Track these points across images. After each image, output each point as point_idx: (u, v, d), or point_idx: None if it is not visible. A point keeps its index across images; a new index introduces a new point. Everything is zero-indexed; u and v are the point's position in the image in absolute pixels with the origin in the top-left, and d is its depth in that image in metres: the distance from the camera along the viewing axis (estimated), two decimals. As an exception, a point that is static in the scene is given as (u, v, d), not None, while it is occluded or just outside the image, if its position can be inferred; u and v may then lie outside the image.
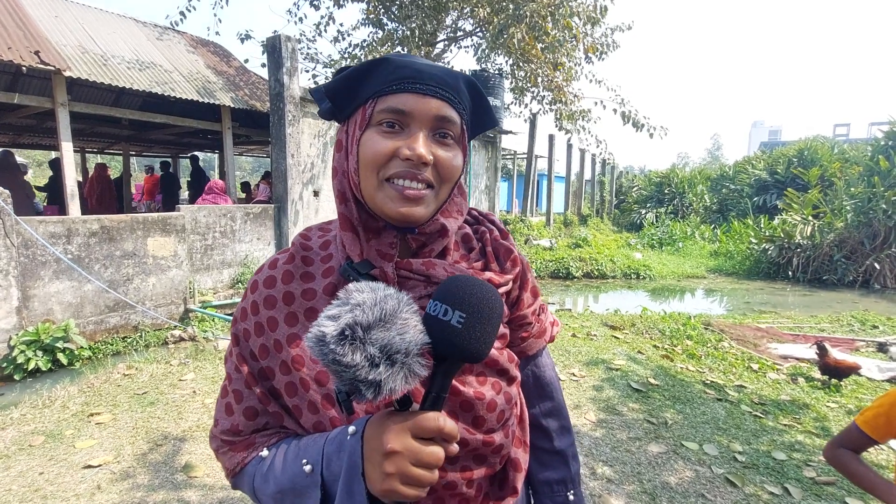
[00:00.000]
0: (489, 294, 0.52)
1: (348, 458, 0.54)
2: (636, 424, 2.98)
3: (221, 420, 0.67)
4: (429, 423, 0.50)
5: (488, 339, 0.52)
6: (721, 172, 19.71)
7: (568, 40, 7.76)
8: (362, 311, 0.46)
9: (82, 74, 5.21)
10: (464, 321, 0.50)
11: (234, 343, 0.68)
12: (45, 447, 2.65)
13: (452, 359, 0.51)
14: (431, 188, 0.61)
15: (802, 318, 6.35)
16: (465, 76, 0.65)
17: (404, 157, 0.58)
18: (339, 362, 0.45)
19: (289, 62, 6.18)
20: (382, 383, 0.46)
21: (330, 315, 0.47)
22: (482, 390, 0.65)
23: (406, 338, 0.47)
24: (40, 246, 4.30)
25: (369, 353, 0.45)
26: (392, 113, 0.59)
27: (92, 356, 4.44)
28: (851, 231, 9.62)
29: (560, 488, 0.81)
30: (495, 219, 0.78)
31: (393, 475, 0.49)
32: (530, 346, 0.77)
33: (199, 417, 3.02)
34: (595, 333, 4.92)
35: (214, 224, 5.85)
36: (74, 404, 3.19)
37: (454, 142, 0.62)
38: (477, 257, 0.72)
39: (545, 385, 0.82)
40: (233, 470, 0.66)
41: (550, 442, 0.81)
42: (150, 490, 2.29)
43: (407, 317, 0.48)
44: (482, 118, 0.69)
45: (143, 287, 5.10)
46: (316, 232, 0.72)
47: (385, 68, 0.61)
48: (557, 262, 10.02)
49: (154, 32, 7.39)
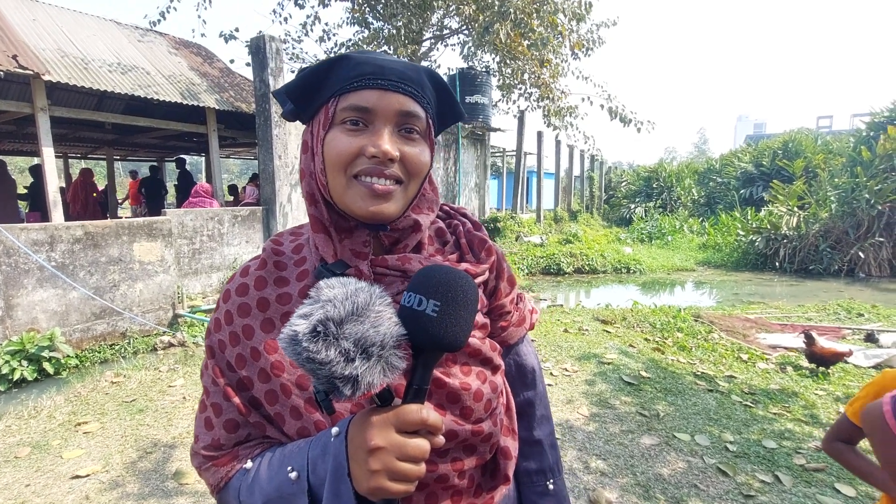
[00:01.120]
0: (462, 281, 0.52)
1: (333, 459, 0.53)
2: (629, 417, 2.99)
3: (202, 435, 0.66)
4: (411, 416, 0.49)
5: (465, 326, 0.51)
6: (708, 166, 19.92)
7: (554, 37, 7.78)
8: (333, 305, 0.45)
9: (62, 78, 5.11)
10: (438, 309, 0.49)
11: (210, 355, 0.67)
12: (32, 458, 2.60)
13: (431, 349, 0.50)
14: (400, 184, 0.60)
15: (790, 308, 6.43)
16: (428, 70, 0.64)
17: (370, 155, 0.57)
18: (313, 360, 0.44)
19: (274, 63, 6.12)
20: (360, 378, 0.45)
21: (302, 314, 0.46)
22: (467, 381, 0.65)
23: (381, 330, 0.46)
24: (23, 254, 4.22)
25: (343, 347, 0.44)
26: (355, 111, 0.58)
27: (79, 364, 4.36)
28: (836, 221, 9.77)
29: (539, 478, 0.81)
30: (467, 212, 0.78)
31: (379, 472, 0.49)
32: (511, 334, 0.77)
33: (189, 424, 2.98)
34: (587, 328, 4.95)
35: (202, 227, 5.78)
36: (61, 414, 3.13)
37: (420, 137, 0.62)
38: (452, 250, 0.72)
39: (527, 373, 0.82)
40: (217, 485, 0.64)
41: (530, 431, 0.81)
42: (140, 499, 2.26)
43: (380, 309, 0.48)
44: (448, 112, 0.68)
45: (130, 293, 5.03)
46: (287, 237, 0.71)
47: (345, 66, 0.60)
48: (548, 258, 10.05)
49: (135, 34, 7.28)
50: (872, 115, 11.16)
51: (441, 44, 9.19)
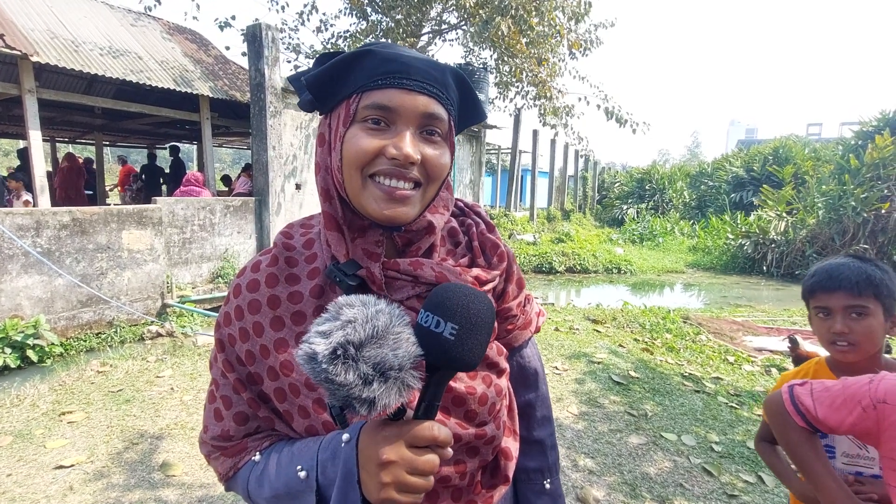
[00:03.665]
0: (481, 304, 0.52)
1: (343, 465, 0.53)
2: (617, 416, 3.02)
3: (211, 426, 0.66)
4: (423, 433, 0.50)
5: (480, 348, 0.51)
6: (700, 169, 20.10)
7: (552, 35, 7.77)
8: (354, 328, 0.45)
9: (51, 60, 5.00)
10: (456, 333, 0.49)
11: (220, 349, 0.67)
12: (14, 448, 2.56)
13: (445, 368, 0.50)
14: (419, 187, 0.59)
15: (776, 312, 6.53)
16: (453, 69, 0.63)
17: (391, 157, 0.56)
18: (331, 381, 0.44)
19: (269, 52, 6.04)
20: (377, 400, 0.45)
21: (320, 331, 0.46)
22: (473, 385, 0.65)
23: (399, 353, 0.46)
24: (7, 239, 4.13)
25: (362, 371, 0.44)
26: (378, 109, 0.57)
27: (64, 353, 4.29)
28: (823, 227, 9.92)
29: (537, 476, 0.82)
30: (481, 210, 0.77)
31: (389, 484, 0.50)
32: (516, 337, 0.77)
33: (177, 415, 2.96)
34: (577, 327, 4.98)
35: (193, 217, 5.70)
36: (45, 403, 3.08)
37: (442, 139, 0.61)
38: (463, 252, 0.71)
39: (529, 375, 0.82)
40: (225, 475, 0.65)
41: (530, 431, 0.82)
42: (125, 490, 2.23)
43: (399, 331, 0.47)
44: (469, 112, 0.67)
45: (117, 281, 4.95)
46: (298, 230, 0.70)
47: (370, 61, 0.58)
48: (541, 256, 10.09)
49: (128, 18, 7.14)
50: (861, 123, 11.31)
51: (439, 39, 9.14)
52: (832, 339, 1.06)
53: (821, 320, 1.09)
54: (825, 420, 0.85)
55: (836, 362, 1.12)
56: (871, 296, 1.03)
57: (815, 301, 1.11)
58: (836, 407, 0.84)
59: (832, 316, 1.06)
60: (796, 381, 0.93)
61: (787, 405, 0.90)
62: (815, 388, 0.89)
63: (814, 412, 0.87)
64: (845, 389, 0.85)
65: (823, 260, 1.17)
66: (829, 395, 0.86)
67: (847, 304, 1.04)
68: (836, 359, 1.11)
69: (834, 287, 1.05)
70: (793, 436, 0.91)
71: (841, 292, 1.04)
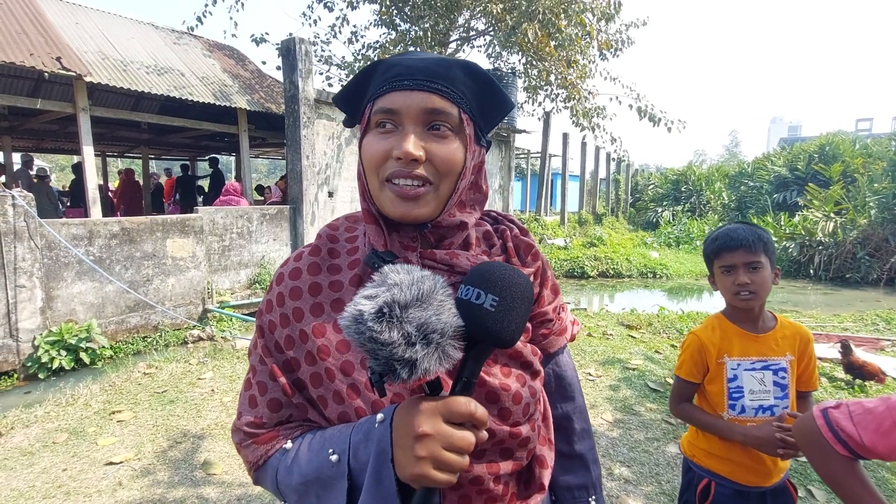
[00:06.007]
0: (520, 279, 0.53)
1: (377, 444, 0.54)
2: (654, 425, 2.93)
3: (245, 412, 0.67)
4: (460, 407, 0.50)
5: (520, 323, 0.52)
6: (739, 169, 19.30)
7: (581, 37, 7.68)
8: (400, 289, 0.47)
9: (102, 79, 5.32)
10: (496, 304, 0.50)
11: (260, 335, 0.69)
12: (69, 444, 2.71)
13: (484, 343, 0.51)
14: (430, 184, 0.60)
15: (825, 318, 6.18)
16: (462, 62, 0.63)
17: (396, 157, 0.58)
18: (375, 340, 0.45)
19: (303, 64, 6.23)
20: (418, 362, 0.46)
21: (367, 295, 0.48)
22: (507, 382, 0.65)
23: (442, 318, 0.48)
24: (63, 248, 4.40)
25: (406, 331, 0.46)
26: (384, 113, 0.60)
27: (113, 355, 4.53)
28: (875, 228, 9.35)
29: (581, 494, 0.79)
30: (514, 218, 0.79)
31: (425, 459, 0.49)
32: (551, 343, 0.76)
33: (217, 415, 3.06)
34: (611, 333, 4.87)
35: (231, 225, 5.93)
36: (97, 402, 3.26)
37: (452, 133, 0.61)
38: (498, 252, 0.72)
39: (566, 385, 0.80)
40: (255, 463, 0.65)
41: (571, 445, 0.80)
42: (169, 487, 2.33)
43: (443, 298, 0.49)
44: (490, 102, 0.65)
45: (162, 287, 5.19)
46: (343, 223, 0.73)
47: (379, 70, 0.62)
48: (572, 261, 9.93)
49: (171, 37, 7.52)
50: (918, 117, 10.66)
51: (467, 45, 9.18)
52: (736, 290, 1.26)
53: (725, 276, 1.29)
54: (874, 448, 0.76)
55: (734, 311, 1.32)
56: (762, 252, 1.24)
57: (720, 261, 1.30)
58: (884, 431, 0.75)
59: (735, 271, 1.26)
60: (829, 405, 0.84)
61: (825, 434, 0.81)
62: (854, 410, 0.80)
63: (858, 439, 0.77)
64: (892, 411, 0.75)
65: (718, 227, 1.37)
66: (873, 417, 0.77)
67: (746, 261, 1.24)
68: (740, 308, 1.29)
69: (735, 246, 1.25)
70: (836, 467, 0.81)
71: (741, 250, 1.25)
